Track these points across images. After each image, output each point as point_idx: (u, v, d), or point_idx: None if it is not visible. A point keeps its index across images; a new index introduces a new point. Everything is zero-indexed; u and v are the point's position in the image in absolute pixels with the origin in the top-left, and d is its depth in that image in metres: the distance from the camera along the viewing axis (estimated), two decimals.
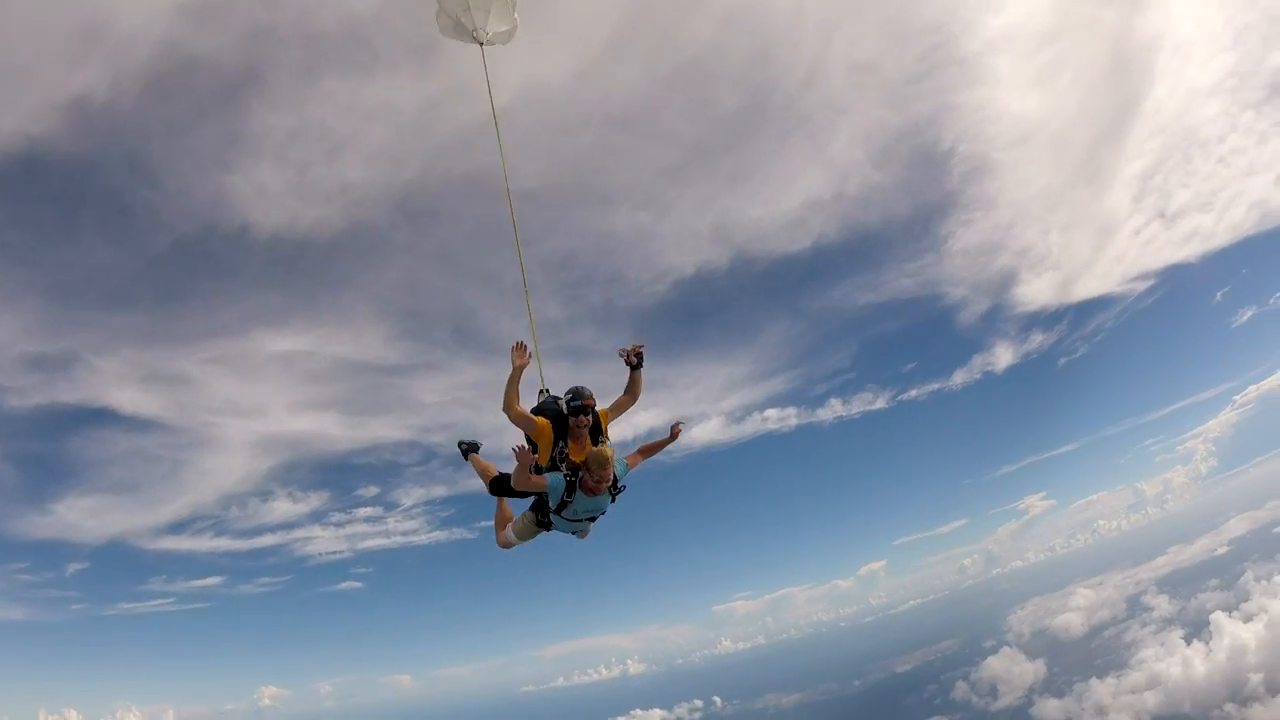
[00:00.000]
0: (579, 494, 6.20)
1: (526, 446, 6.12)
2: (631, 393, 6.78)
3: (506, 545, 7.19)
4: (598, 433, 6.64)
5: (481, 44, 8.23)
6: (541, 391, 7.15)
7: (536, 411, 6.68)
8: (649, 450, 6.82)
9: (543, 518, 6.69)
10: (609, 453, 6.12)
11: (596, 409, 6.51)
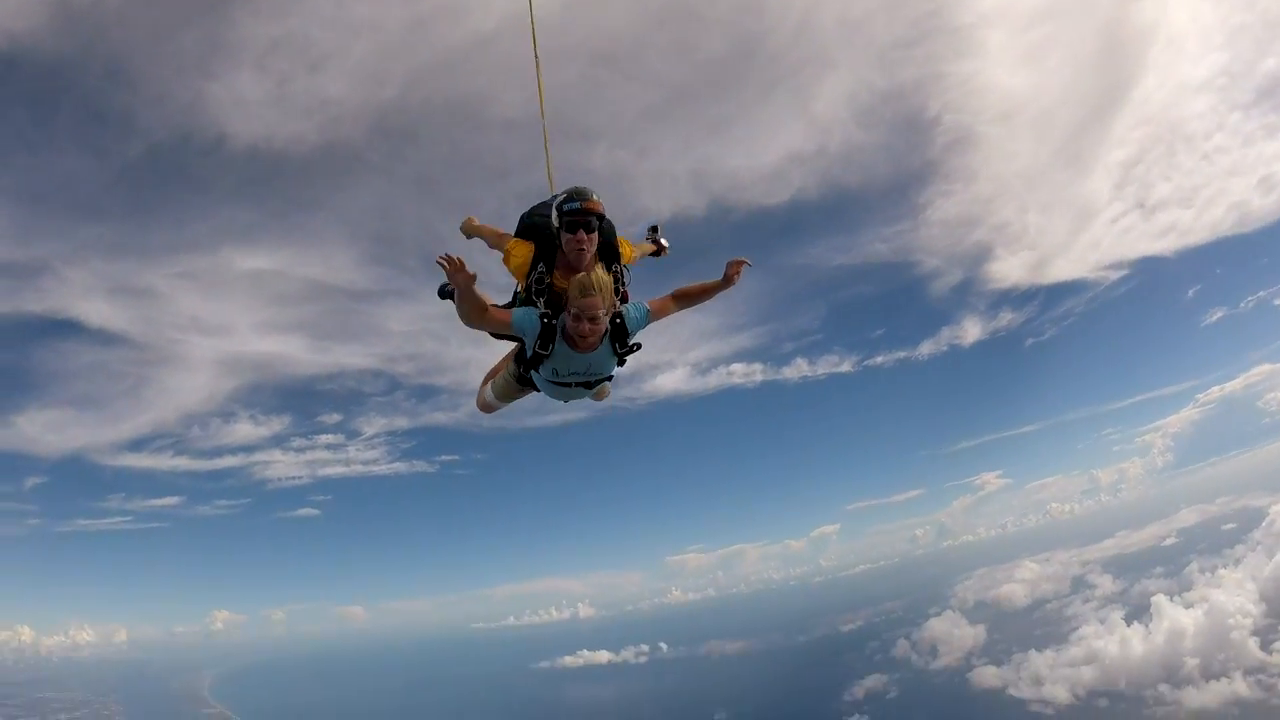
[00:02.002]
0: (560, 343, 4.43)
1: (457, 257, 4.00)
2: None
3: (485, 407, 5.61)
4: (612, 262, 4.69)
5: None
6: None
7: (522, 234, 4.85)
8: (690, 295, 4.82)
9: (524, 372, 4.88)
10: (598, 278, 4.21)
11: (607, 223, 4.56)
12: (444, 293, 5.63)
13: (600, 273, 4.28)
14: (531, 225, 4.82)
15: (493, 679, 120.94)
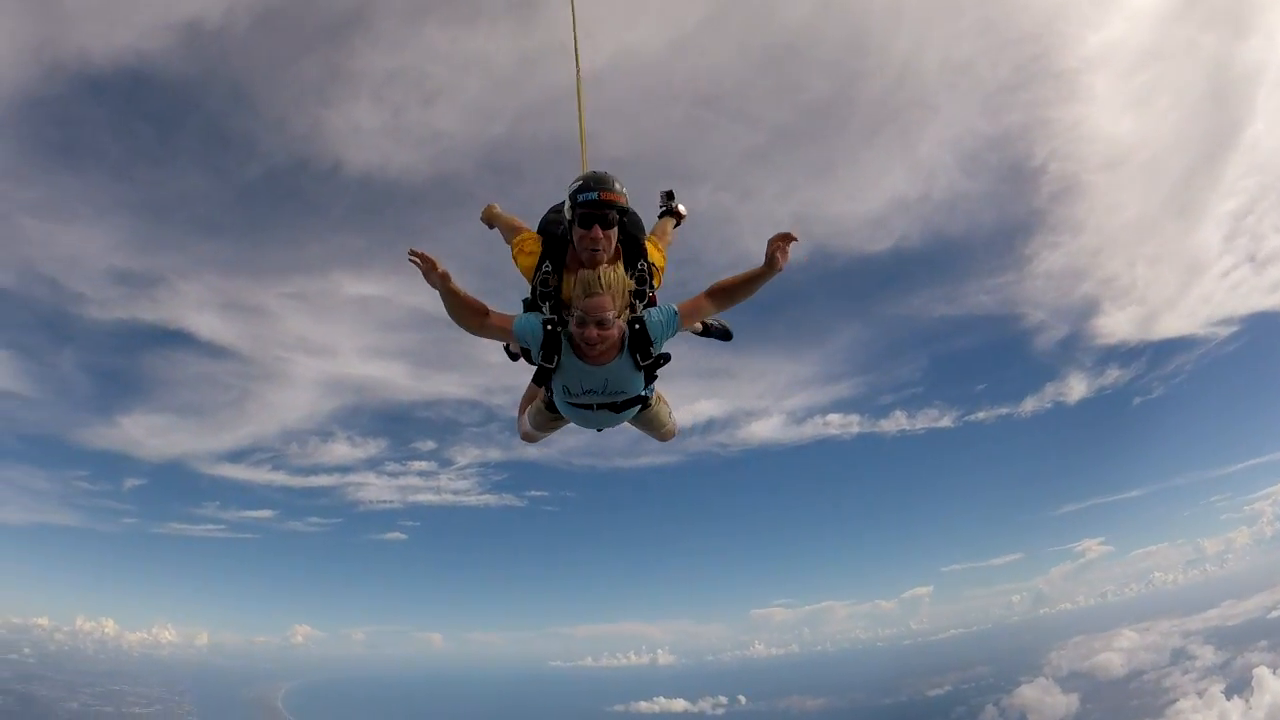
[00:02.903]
0: (567, 355, 3.81)
1: (426, 253, 3.63)
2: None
3: (527, 437, 5.02)
4: (637, 259, 4.07)
5: None
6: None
7: (544, 229, 4.34)
8: (729, 290, 3.95)
9: (547, 395, 4.43)
10: (607, 275, 3.59)
11: (631, 217, 4.02)
12: (511, 354, 4.71)
13: (613, 269, 3.62)
14: (556, 220, 4.15)
15: (567, 718, 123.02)
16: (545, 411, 4.48)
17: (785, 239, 3.76)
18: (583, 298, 3.56)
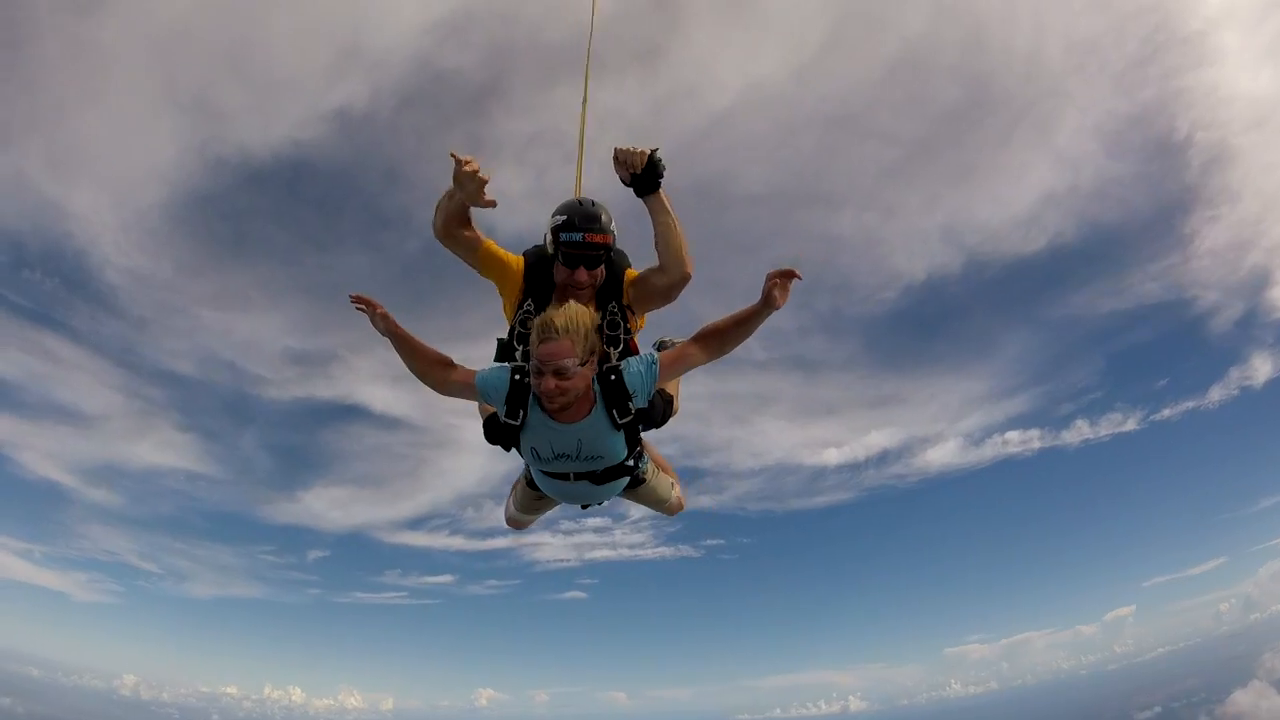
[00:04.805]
0: (534, 410, 3.14)
1: (365, 296, 3.27)
2: (665, 265, 3.38)
3: (513, 522, 4.43)
4: (610, 300, 3.47)
5: None
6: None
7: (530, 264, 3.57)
8: (721, 333, 3.27)
9: (526, 473, 3.77)
10: (569, 314, 2.95)
11: (616, 253, 3.46)
12: (490, 435, 3.49)
13: (579, 309, 3.00)
14: (534, 257, 3.55)
15: None
16: (528, 489, 3.84)
17: (786, 275, 3.14)
18: (536, 343, 2.90)
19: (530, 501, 3.99)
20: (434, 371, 3.31)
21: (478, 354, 3.65)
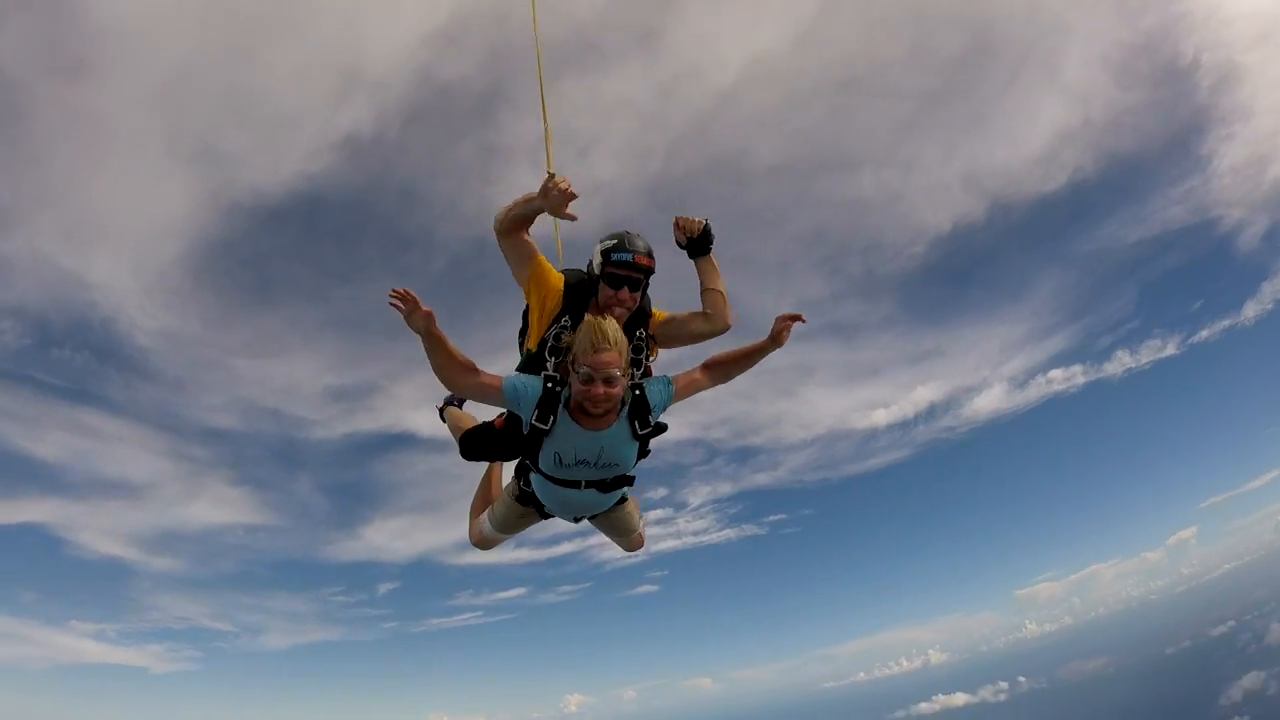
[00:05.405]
0: (563, 417, 3.43)
1: (409, 291, 3.16)
2: (711, 315, 3.81)
3: (481, 543, 4.57)
4: (638, 326, 3.79)
5: None
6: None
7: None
8: (728, 363, 3.76)
9: (528, 485, 3.88)
10: (613, 333, 3.27)
11: (648, 285, 3.73)
12: (447, 404, 4.65)
13: (618, 327, 3.33)
14: (572, 281, 3.79)
15: None
16: (516, 506, 4.07)
17: (793, 319, 3.63)
18: (590, 353, 3.20)
19: (514, 520, 4.24)
20: (461, 374, 3.38)
21: (514, 361, 4.05)
